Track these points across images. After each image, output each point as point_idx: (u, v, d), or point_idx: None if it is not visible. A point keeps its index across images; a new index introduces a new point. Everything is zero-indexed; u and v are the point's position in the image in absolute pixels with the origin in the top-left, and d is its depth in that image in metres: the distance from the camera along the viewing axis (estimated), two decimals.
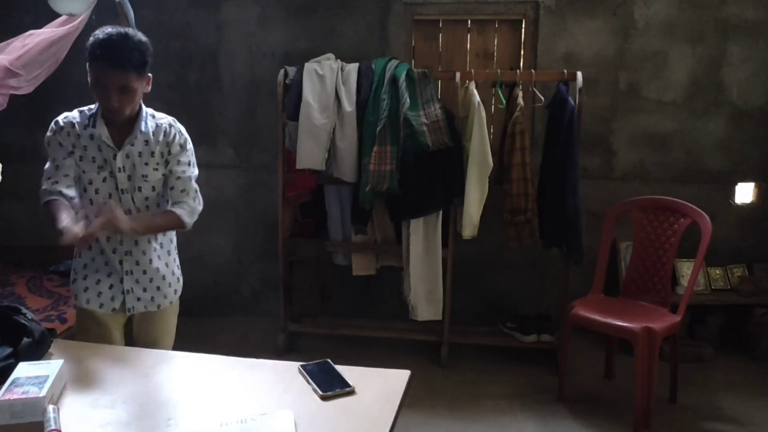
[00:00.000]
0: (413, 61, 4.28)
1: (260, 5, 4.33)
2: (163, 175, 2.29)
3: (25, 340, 1.81)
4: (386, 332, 4.08)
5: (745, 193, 4.21)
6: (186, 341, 2.44)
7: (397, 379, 1.73)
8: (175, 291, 2.46)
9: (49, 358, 1.83)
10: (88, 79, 2.09)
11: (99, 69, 2.04)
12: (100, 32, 2.06)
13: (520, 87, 3.76)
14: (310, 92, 3.77)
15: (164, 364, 1.84)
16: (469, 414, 3.40)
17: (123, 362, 1.85)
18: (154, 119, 2.31)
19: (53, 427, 1.48)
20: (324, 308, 4.17)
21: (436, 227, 3.82)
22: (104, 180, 2.22)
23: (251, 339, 4.27)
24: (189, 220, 2.31)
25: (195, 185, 2.36)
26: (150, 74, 2.16)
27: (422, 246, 3.83)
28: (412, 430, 3.21)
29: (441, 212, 3.82)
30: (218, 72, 4.45)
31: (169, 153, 2.29)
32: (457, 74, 3.78)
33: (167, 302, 2.40)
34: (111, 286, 2.30)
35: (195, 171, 2.37)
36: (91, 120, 2.21)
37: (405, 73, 3.70)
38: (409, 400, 1.72)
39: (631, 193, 3.97)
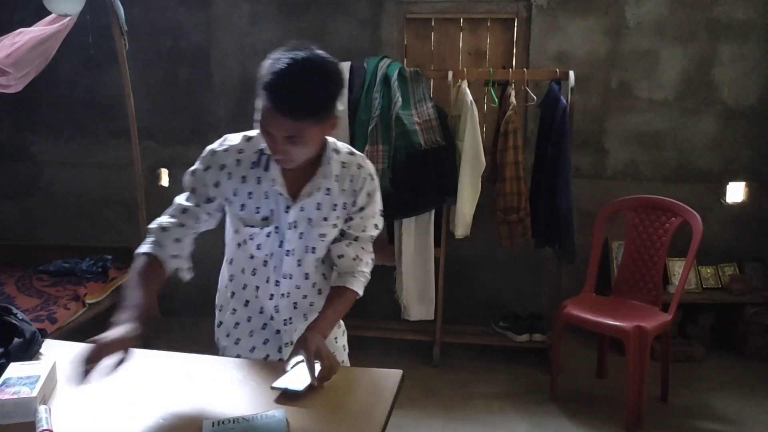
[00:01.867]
0: (405, 59, 4.28)
1: (251, 3, 4.31)
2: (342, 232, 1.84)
3: (16, 340, 1.79)
4: (378, 332, 4.07)
5: (736, 192, 4.23)
6: (178, 341, 2.43)
7: (389, 378, 1.73)
8: (344, 346, 2.05)
9: (40, 359, 1.81)
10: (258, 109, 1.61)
11: (266, 108, 1.55)
12: (281, 58, 1.53)
13: (513, 86, 3.76)
14: None
15: (156, 364, 1.83)
16: (461, 413, 3.40)
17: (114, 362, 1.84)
18: (338, 156, 1.77)
19: (45, 427, 1.47)
20: None
21: (428, 226, 3.82)
22: (268, 235, 1.77)
23: None
24: (361, 293, 1.85)
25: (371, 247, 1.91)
26: (337, 115, 1.63)
27: (414, 245, 3.82)
28: (404, 430, 3.20)
29: (433, 211, 3.82)
30: (209, 70, 4.44)
31: (354, 204, 1.79)
32: (450, 73, 3.78)
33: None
34: (266, 341, 1.94)
35: (377, 231, 1.89)
36: (263, 159, 1.72)
37: (397, 71, 3.70)
38: (401, 400, 1.71)
39: (623, 192, 3.98)
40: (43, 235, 4.75)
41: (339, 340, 2.03)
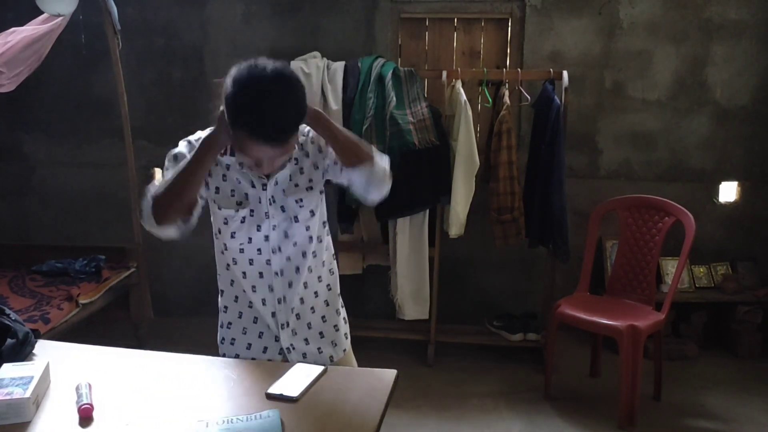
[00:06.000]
0: (399, 59, 4.28)
1: (245, 2, 4.30)
2: (324, 184, 1.89)
3: (9, 341, 1.79)
4: (373, 331, 4.07)
5: (728, 191, 4.25)
6: (172, 341, 2.43)
7: (384, 378, 1.73)
8: (346, 335, 2.06)
9: (33, 359, 1.81)
10: (227, 134, 1.64)
11: (243, 138, 1.59)
12: (242, 87, 1.56)
13: (507, 86, 3.77)
14: None
15: (149, 365, 1.83)
16: (455, 413, 3.41)
17: (107, 363, 1.83)
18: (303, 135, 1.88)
19: (85, 401, 1.52)
20: None
21: (422, 226, 3.82)
22: (242, 221, 1.82)
23: None
24: (379, 160, 1.83)
25: None
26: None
27: (409, 245, 3.83)
28: (398, 430, 3.21)
29: (427, 211, 3.82)
30: (203, 70, 4.42)
31: (320, 150, 1.86)
32: (444, 73, 3.78)
33: (341, 351, 2.02)
34: (265, 349, 1.92)
35: None
36: (229, 147, 1.79)
37: (391, 71, 3.70)
38: (396, 399, 1.72)
39: (617, 191, 3.99)
40: (36, 235, 4.73)
41: (341, 328, 2.03)
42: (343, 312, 2.06)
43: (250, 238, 1.83)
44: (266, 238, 1.83)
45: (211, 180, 1.82)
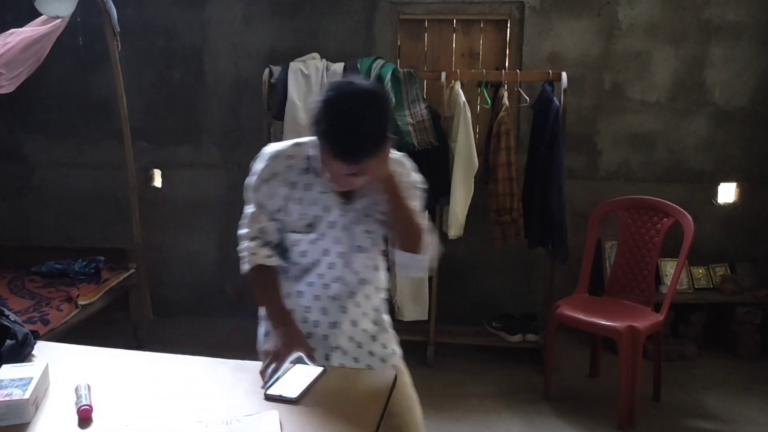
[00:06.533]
0: (399, 60, 4.28)
1: (245, 3, 4.30)
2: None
3: (8, 342, 1.79)
4: None
5: (727, 193, 4.25)
6: (170, 342, 2.43)
7: (383, 379, 1.73)
8: (394, 351, 2.00)
9: (32, 360, 1.81)
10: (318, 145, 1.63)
11: (325, 153, 1.61)
12: (331, 98, 1.58)
13: (506, 87, 3.77)
14: (295, 92, 3.76)
15: (148, 366, 1.83)
16: (455, 413, 3.40)
17: (106, 364, 1.83)
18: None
19: (84, 403, 1.52)
20: None
21: None
22: (312, 242, 1.81)
23: (236, 339, 4.23)
24: (430, 253, 1.87)
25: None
26: (391, 137, 1.65)
27: None
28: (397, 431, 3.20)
29: (426, 212, 3.81)
30: (202, 71, 4.42)
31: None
32: (443, 74, 3.78)
33: (390, 366, 1.95)
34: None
35: (419, 202, 1.93)
36: (312, 165, 1.77)
37: (390, 72, 3.70)
38: None
39: (616, 192, 3.99)
40: (36, 235, 4.72)
41: (389, 344, 1.99)
42: (390, 329, 2.01)
43: (316, 261, 1.83)
44: (331, 266, 1.83)
45: (283, 205, 1.81)
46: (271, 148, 1.83)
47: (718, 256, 4.25)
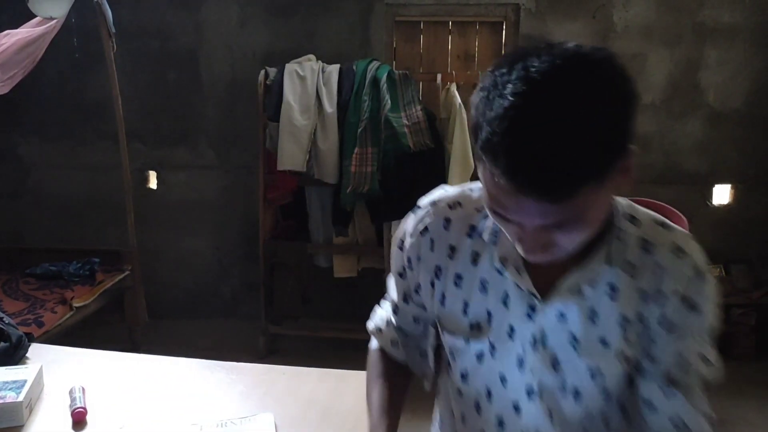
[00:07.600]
0: (394, 62, 4.28)
1: (240, 5, 4.30)
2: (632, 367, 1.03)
3: (2, 344, 1.78)
4: (368, 334, 4.06)
5: (722, 194, 4.26)
6: (165, 344, 2.42)
7: None
8: None
9: (26, 363, 1.80)
10: (478, 172, 0.91)
11: (494, 182, 0.84)
12: (504, 88, 0.81)
13: None
14: (291, 93, 3.76)
15: (143, 368, 1.82)
16: None
17: (101, 367, 1.83)
18: (635, 228, 1.09)
19: (79, 405, 1.52)
20: (305, 310, 4.15)
21: None
22: (479, 357, 1.07)
23: (231, 342, 4.24)
24: None
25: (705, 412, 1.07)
26: (632, 148, 0.95)
27: None
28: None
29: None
30: (198, 72, 4.42)
31: (661, 323, 1.00)
32: (439, 76, 3.79)
33: None
34: None
35: (708, 368, 1.11)
36: (485, 225, 1.06)
37: (386, 74, 3.71)
38: None
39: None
40: (30, 237, 4.71)
41: None
42: None
43: (486, 393, 1.08)
44: (516, 407, 1.06)
45: (437, 282, 1.11)
46: (434, 193, 1.20)
47: (712, 258, 4.22)
